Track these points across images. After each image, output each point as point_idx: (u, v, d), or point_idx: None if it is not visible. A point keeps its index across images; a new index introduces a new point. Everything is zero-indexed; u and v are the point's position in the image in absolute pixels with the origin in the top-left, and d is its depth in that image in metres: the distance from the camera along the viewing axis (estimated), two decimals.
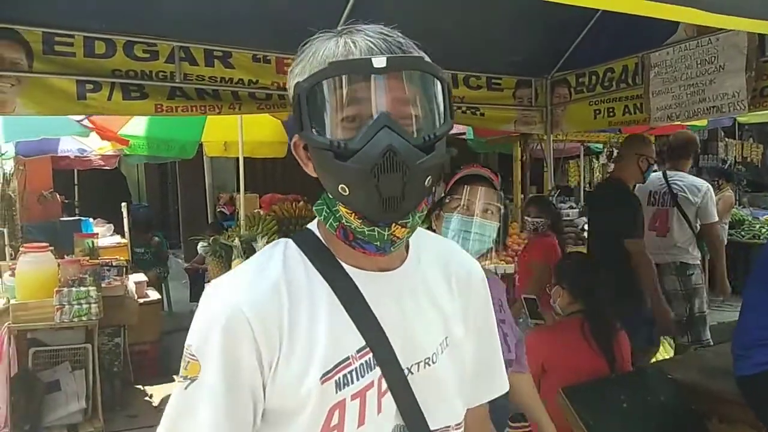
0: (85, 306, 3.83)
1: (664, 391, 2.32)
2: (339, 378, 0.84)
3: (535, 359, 2.62)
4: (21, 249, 4.38)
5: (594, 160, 7.90)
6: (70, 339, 4.04)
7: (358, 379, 0.85)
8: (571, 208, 7.75)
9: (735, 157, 9.72)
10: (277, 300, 0.83)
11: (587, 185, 8.91)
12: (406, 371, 0.88)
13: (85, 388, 3.99)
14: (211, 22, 3.48)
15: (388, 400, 0.87)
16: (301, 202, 5.53)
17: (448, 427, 0.93)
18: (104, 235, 6.84)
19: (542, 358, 2.57)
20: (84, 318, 3.85)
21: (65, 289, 3.82)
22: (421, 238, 0.96)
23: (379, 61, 0.77)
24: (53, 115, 4.56)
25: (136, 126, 6.06)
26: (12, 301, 3.89)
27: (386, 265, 0.90)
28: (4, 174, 6.94)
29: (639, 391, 2.31)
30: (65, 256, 4.47)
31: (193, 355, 0.82)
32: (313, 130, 0.80)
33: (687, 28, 3.70)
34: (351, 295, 0.87)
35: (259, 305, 0.83)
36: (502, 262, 5.81)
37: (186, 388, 0.82)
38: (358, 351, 0.85)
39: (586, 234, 6.49)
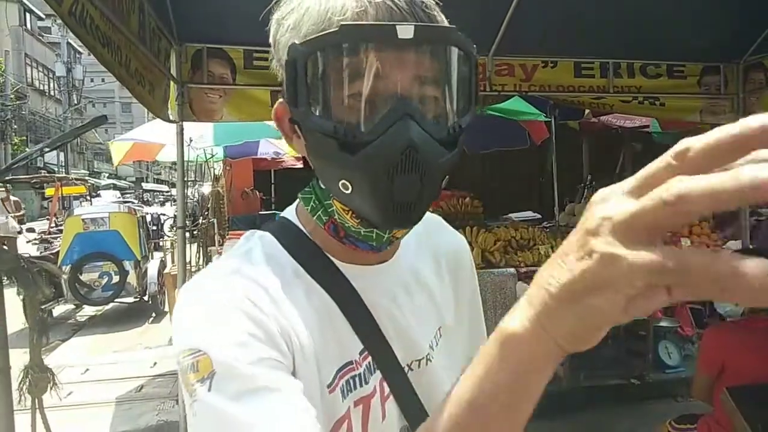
0: None
1: None
2: (343, 385, 0.72)
3: (714, 357, 2.46)
4: (227, 236, 5.11)
5: None
6: None
7: (362, 386, 0.74)
8: None
9: None
10: (268, 304, 0.67)
11: None
12: (406, 369, 0.78)
13: None
14: None
15: (392, 404, 0.76)
16: (468, 198, 5.65)
17: None
18: None
19: (723, 356, 2.41)
20: None
21: None
22: None
23: (405, 31, 0.60)
24: (252, 121, 5.23)
25: None
26: None
27: (379, 258, 0.78)
28: (214, 174, 8.07)
29: None
30: None
31: (199, 350, 0.61)
32: (312, 108, 0.65)
33: None
34: (345, 293, 0.75)
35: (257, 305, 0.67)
36: None
37: (210, 389, 0.60)
38: (360, 354, 0.74)
39: None
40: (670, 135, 7.51)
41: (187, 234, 5.33)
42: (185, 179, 4.48)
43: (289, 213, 0.81)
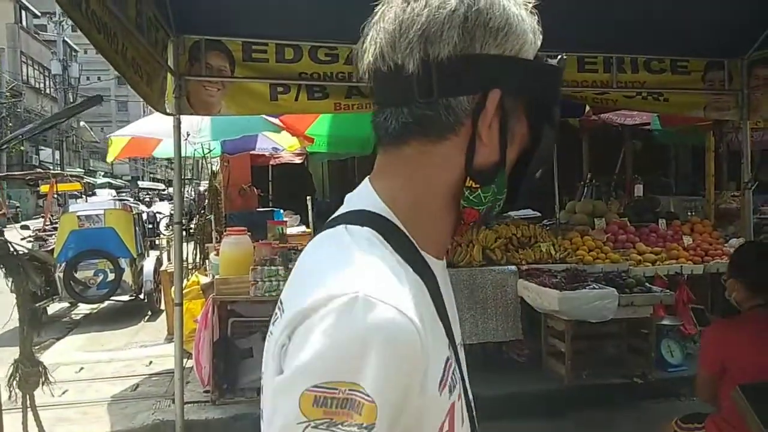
0: (275, 283, 4.30)
1: None
2: (449, 381, 0.71)
3: (714, 355, 2.43)
4: (225, 232, 5.04)
5: None
6: (263, 312, 4.55)
7: (457, 382, 0.74)
8: None
9: None
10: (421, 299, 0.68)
11: None
12: None
13: None
14: None
15: (462, 403, 0.75)
16: None
17: None
18: (292, 225, 7.55)
19: (723, 354, 2.37)
20: (274, 293, 4.32)
21: (259, 268, 4.33)
22: None
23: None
24: (250, 115, 5.18)
25: (321, 126, 6.61)
26: (216, 277, 4.49)
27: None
28: (212, 169, 8.00)
29: None
30: (259, 241, 5.04)
31: (369, 396, 0.59)
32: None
33: None
34: (435, 288, 0.74)
35: (418, 312, 0.65)
36: (689, 261, 5.36)
37: None
38: (449, 349, 0.74)
39: None
40: (671, 132, 7.48)
41: (184, 232, 5.28)
42: (182, 176, 4.41)
43: (376, 207, 0.76)
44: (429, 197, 0.75)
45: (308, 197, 7.53)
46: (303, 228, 7.58)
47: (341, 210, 0.80)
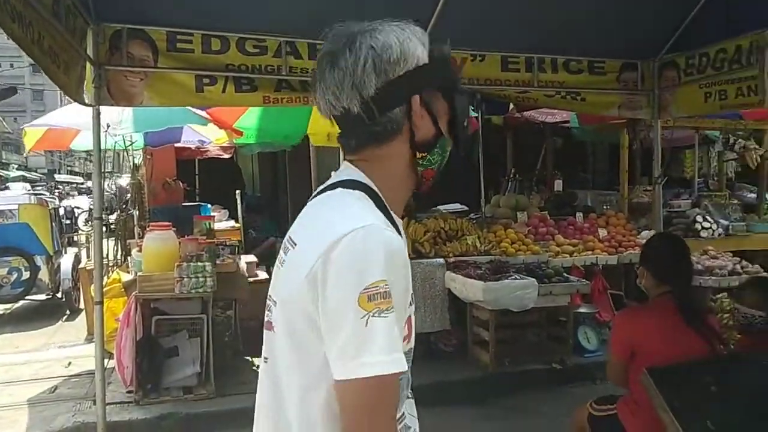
0: (201, 279, 4.22)
1: (760, 379, 2.21)
2: (409, 299, 1.07)
3: (624, 340, 2.58)
4: (148, 228, 4.89)
5: (711, 149, 7.38)
6: (188, 309, 4.47)
7: (412, 303, 1.09)
8: (684, 199, 7.31)
9: None
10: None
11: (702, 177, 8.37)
12: None
13: (200, 354, 4.40)
14: (315, 17, 3.68)
15: (413, 319, 1.10)
16: None
17: None
18: (220, 220, 7.40)
19: (632, 338, 2.53)
20: (200, 290, 4.25)
21: (184, 264, 4.23)
22: None
23: None
24: (175, 106, 5.04)
25: (249, 118, 6.50)
26: (138, 274, 4.36)
27: None
28: (134, 163, 7.72)
29: (732, 376, 2.21)
30: (185, 236, 4.92)
31: (387, 287, 0.95)
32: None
33: None
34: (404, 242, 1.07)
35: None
36: (604, 252, 5.67)
37: (385, 318, 0.94)
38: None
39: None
40: (589, 130, 7.85)
41: (104, 228, 5.08)
42: (102, 170, 4.24)
43: (359, 176, 1.10)
44: (393, 174, 1.11)
45: (237, 191, 7.42)
46: (232, 223, 7.45)
47: (331, 181, 1.12)
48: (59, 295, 7.81)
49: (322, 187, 1.14)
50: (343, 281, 0.95)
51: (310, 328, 1.00)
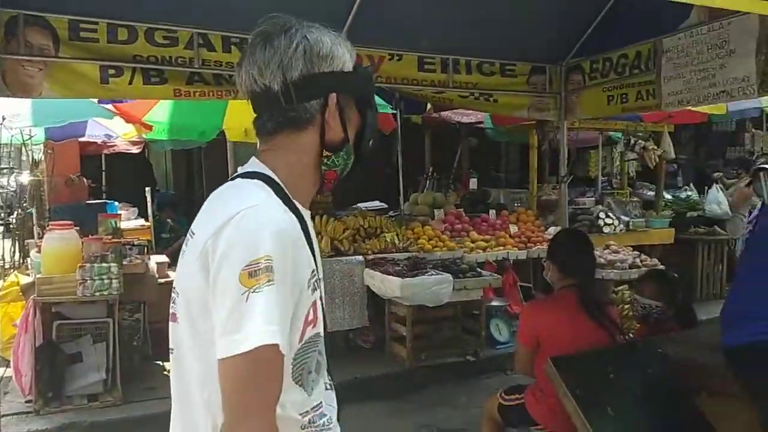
0: (106, 281, 4.01)
1: (654, 365, 2.37)
2: (312, 285, 1.10)
3: (530, 331, 2.69)
4: (47, 227, 4.59)
5: (614, 149, 7.85)
6: (93, 313, 4.23)
7: (318, 288, 1.14)
8: (589, 197, 7.74)
9: (762, 148, 9.55)
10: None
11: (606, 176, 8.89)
12: None
13: (105, 360, 4.18)
14: (229, 9, 3.59)
15: (320, 304, 1.15)
16: None
17: None
18: (128, 218, 7.06)
19: (537, 329, 2.64)
20: (105, 293, 4.03)
21: (88, 265, 4.01)
22: None
23: None
24: (77, 98, 4.75)
25: (160, 112, 6.25)
26: (38, 276, 4.09)
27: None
28: (33, 158, 7.22)
29: (628, 363, 2.37)
30: (89, 236, 4.66)
31: (271, 260, 0.98)
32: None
33: (700, 13, 3.69)
34: (303, 223, 1.12)
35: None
36: (515, 248, 5.89)
37: (263, 291, 0.97)
38: (315, 265, 1.13)
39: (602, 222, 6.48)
40: (501, 130, 8.13)
41: (2, 227, 4.73)
42: None
43: (264, 169, 1.15)
44: (300, 164, 1.16)
45: (147, 188, 7.10)
46: (141, 221, 7.12)
47: (235, 174, 1.18)
48: None
49: (230, 178, 1.19)
50: (229, 259, 0.98)
51: (205, 312, 1.02)
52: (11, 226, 7.05)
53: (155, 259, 5.39)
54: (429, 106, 6.83)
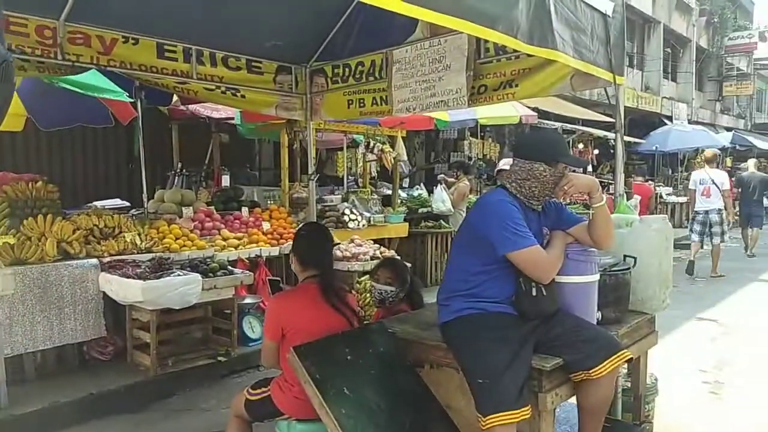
0: None
1: (384, 344, 2.61)
2: None
3: (275, 323, 2.75)
4: None
5: (357, 151, 8.40)
6: None
7: None
8: (336, 194, 8.18)
9: (477, 153, 11.10)
10: None
11: (352, 175, 9.48)
12: None
13: None
14: None
15: None
16: (39, 183, 4.97)
17: None
18: None
19: (282, 321, 2.71)
20: None
21: None
22: None
23: None
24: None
25: None
26: None
27: None
28: None
29: (363, 345, 2.56)
30: None
31: None
32: None
33: (424, 29, 4.12)
34: None
35: None
36: (267, 245, 5.94)
37: None
38: None
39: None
40: (252, 127, 8.10)
41: None
42: None
43: None
44: None
45: None
46: None
47: None
48: None
49: None
50: None
51: None
52: None
53: None
54: (175, 98, 6.48)
